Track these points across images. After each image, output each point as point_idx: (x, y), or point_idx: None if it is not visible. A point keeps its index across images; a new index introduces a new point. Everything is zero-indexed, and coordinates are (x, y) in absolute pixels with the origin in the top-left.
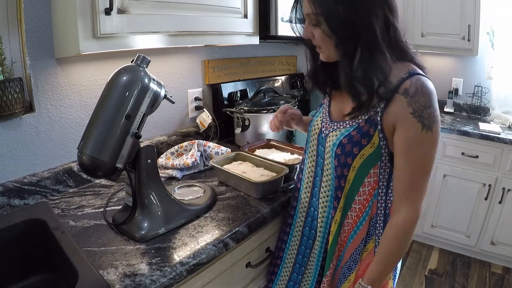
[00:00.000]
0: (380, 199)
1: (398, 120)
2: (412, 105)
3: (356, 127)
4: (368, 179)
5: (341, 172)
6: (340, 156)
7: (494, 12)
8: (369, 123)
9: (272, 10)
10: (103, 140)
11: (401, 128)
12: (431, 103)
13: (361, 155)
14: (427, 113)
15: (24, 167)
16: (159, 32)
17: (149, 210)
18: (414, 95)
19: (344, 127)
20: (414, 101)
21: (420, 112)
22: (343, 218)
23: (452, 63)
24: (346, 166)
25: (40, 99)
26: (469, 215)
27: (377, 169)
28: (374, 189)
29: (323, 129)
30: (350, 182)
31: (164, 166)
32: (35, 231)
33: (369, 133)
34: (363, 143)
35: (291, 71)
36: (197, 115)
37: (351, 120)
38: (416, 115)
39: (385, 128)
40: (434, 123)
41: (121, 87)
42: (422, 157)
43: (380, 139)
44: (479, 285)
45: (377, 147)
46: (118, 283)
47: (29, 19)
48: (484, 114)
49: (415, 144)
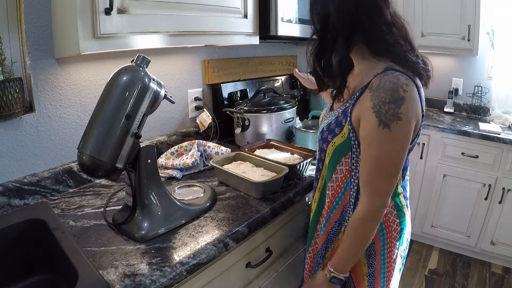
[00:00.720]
0: (352, 188)
1: (361, 113)
2: (373, 100)
3: (336, 117)
4: (340, 167)
5: (320, 156)
6: (320, 141)
7: (494, 12)
8: (343, 114)
9: (272, 10)
10: (103, 140)
11: (363, 122)
12: (393, 99)
13: (333, 143)
14: (385, 109)
15: (24, 167)
16: (159, 32)
17: (149, 210)
18: (376, 90)
19: (331, 116)
20: (375, 96)
21: (378, 107)
22: (321, 200)
23: (452, 63)
24: (323, 152)
25: (40, 99)
26: (469, 215)
27: (348, 158)
28: (347, 178)
29: (323, 118)
30: (326, 167)
31: (164, 166)
32: (35, 231)
33: (341, 124)
34: (336, 132)
35: (291, 71)
36: (197, 115)
37: (335, 111)
38: (375, 110)
39: (353, 121)
40: (393, 120)
41: (121, 87)
42: (380, 154)
43: (349, 131)
44: (479, 285)
45: (347, 137)
46: (118, 283)
47: (29, 19)
48: (484, 114)
49: (371, 139)
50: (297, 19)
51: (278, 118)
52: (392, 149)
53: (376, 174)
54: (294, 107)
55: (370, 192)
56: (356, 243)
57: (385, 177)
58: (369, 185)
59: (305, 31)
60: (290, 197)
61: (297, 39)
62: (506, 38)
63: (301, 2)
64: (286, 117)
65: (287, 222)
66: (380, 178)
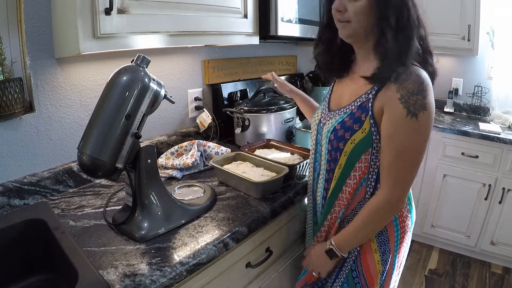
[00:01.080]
0: (370, 184)
1: (385, 105)
2: (400, 91)
3: (349, 113)
4: (359, 164)
5: (334, 156)
6: (333, 141)
7: (494, 12)
8: (361, 109)
9: (272, 10)
10: (103, 140)
11: (387, 113)
12: (420, 91)
13: (352, 140)
14: (413, 99)
15: (24, 167)
16: (159, 32)
17: (149, 210)
18: (403, 81)
19: (339, 114)
20: (403, 87)
21: (407, 98)
22: (332, 200)
23: (452, 63)
24: (338, 151)
25: (40, 99)
26: (469, 215)
27: (368, 155)
28: (365, 174)
29: (321, 119)
30: (342, 167)
31: (164, 166)
32: (35, 231)
33: (360, 119)
34: (354, 129)
35: (291, 71)
36: (197, 115)
37: (345, 108)
38: (403, 101)
39: (375, 114)
40: (421, 110)
41: (121, 87)
42: (405, 144)
43: (371, 125)
44: (479, 285)
45: (368, 133)
46: (118, 283)
47: (29, 19)
48: (484, 114)
49: (398, 129)
50: (297, 19)
51: (278, 118)
52: (417, 138)
53: (399, 164)
54: (294, 107)
55: (392, 182)
56: (367, 228)
57: (408, 167)
58: (392, 174)
59: (305, 31)
60: (290, 197)
61: (297, 39)
62: (506, 38)
63: (301, 2)
64: (286, 117)
65: (287, 222)
66: (403, 169)
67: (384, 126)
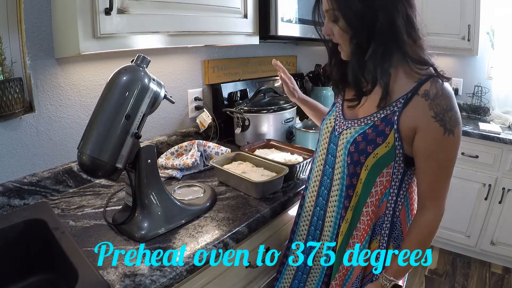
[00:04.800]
0: (391, 199)
1: (419, 124)
2: (434, 109)
3: (372, 125)
4: (381, 179)
5: (354, 170)
6: (353, 153)
7: (494, 12)
8: (385, 122)
9: (272, 10)
10: (103, 140)
11: (422, 132)
12: (452, 105)
13: (375, 154)
14: (448, 116)
15: (24, 167)
16: (159, 32)
17: (149, 210)
18: (435, 98)
19: (359, 125)
20: (436, 105)
21: (442, 116)
22: (355, 218)
23: (452, 63)
24: (359, 165)
25: (40, 99)
26: (469, 215)
27: (390, 169)
28: (386, 189)
29: (336, 127)
30: (362, 181)
31: (164, 166)
32: (35, 231)
33: (384, 132)
34: (378, 142)
35: (291, 71)
36: (197, 115)
37: (366, 118)
38: (438, 119)
39: (402, 129)
40: (456, 126)
41: (121, 87)
42: (445, 160)
43: (395, 139)
44: (479, 285)
45: (391, 147)
46: (118, 283)
47: (29, 19)
48: (484, 114)
49: (437, 148)
50: (297, 19)
51: (278, 118)
52: (455, 154)
53: (440, 181)
54: (294, 107)
55: (438, 199)
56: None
57: (446, 182)
58: (436, 192)
59: (305, 31)
60: (290, 197)
61: (297, 39)
62: (506, 38)
63: (301, 2)
64: (286, 117)
65: (287, 222)
66: (442, 184)
67: (421, 147)
